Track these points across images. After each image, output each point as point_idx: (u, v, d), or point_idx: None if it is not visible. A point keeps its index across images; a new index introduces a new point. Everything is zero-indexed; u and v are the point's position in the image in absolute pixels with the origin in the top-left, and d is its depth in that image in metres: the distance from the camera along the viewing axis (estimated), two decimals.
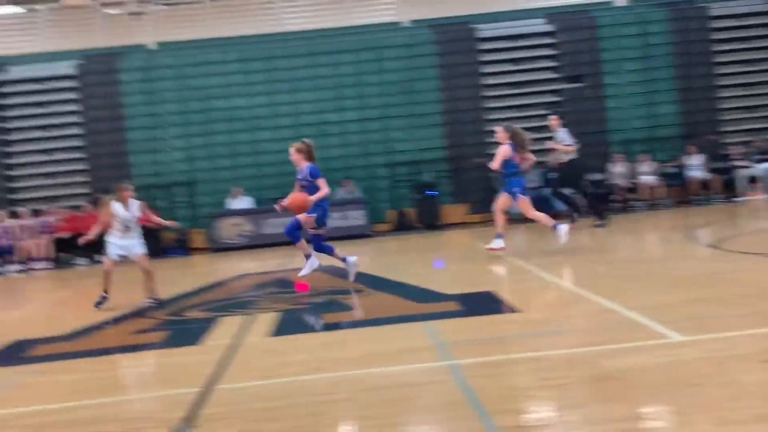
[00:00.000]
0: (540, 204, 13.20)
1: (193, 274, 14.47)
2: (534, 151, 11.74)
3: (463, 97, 19.21)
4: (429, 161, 18.81)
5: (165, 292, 11.20)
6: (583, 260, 10.98)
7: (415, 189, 18.36)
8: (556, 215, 13.31)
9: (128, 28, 22.21)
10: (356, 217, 17.55)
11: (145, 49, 19.35)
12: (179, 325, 8.73)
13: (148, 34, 19.90)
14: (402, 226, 18.16)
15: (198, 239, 18.15)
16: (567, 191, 14.90)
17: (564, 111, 19.19)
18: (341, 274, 11.44)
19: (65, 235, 17.33)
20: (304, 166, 10.08)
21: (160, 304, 9.92)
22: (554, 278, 9.26)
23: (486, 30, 19.44)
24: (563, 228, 11.30)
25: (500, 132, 11.47)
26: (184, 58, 18.96)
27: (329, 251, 10.02)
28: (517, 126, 11.62)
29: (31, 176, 18.69)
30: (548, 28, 19.54)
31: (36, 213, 17.70)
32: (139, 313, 9.60)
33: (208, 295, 10.99)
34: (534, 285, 9.18)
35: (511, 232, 16.48)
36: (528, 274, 10.02)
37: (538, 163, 18.28)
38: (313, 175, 9.77)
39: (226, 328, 8.02)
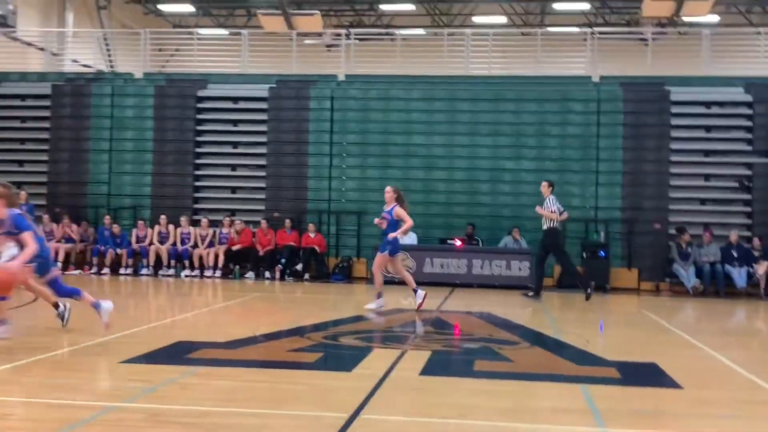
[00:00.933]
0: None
1: (352, 302, 14.67)
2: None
3: (647, 159, 18.56)
4: (603, 220, 18.25)
5: (324, 315, 11.40)
6: (758, 343, 10.20)
7: (584, 247, 17.83)
8: None
9: (321, 58, 23.17)
10: (521, 268, 17.26)
11: (335, 79, 20.03)
12: (334, 349, 8.82)
13: (339, 65, 20.60)
14: (567, 283, 17.66)
15: (361, 268, 18.43)
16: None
17: (750, 185, 18.18)
18: (499, 322, 11.23)
19: (238, 248, 18.11)
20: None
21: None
22: (724, 357, 8.65)
23: (680, 93, 18.74)
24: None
25: None
26: (369, 91, 19.47)
27: (76, 294, 9.32)
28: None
29: (215, 188, 19.70)
30: (746, 97, 18.57)
31: (214, 224, 18.63)
32: (296, 332, 9.81)
33: (364, 325, 11.07)
34: (701, 362, 8.61)
35: (681, 306, 15.67)
36: (695, 349, 9.42)
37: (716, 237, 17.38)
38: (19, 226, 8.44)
39: (379, 359, 8.03)
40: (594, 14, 28.50)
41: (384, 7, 32.67)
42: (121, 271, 18.02)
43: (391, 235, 12.29)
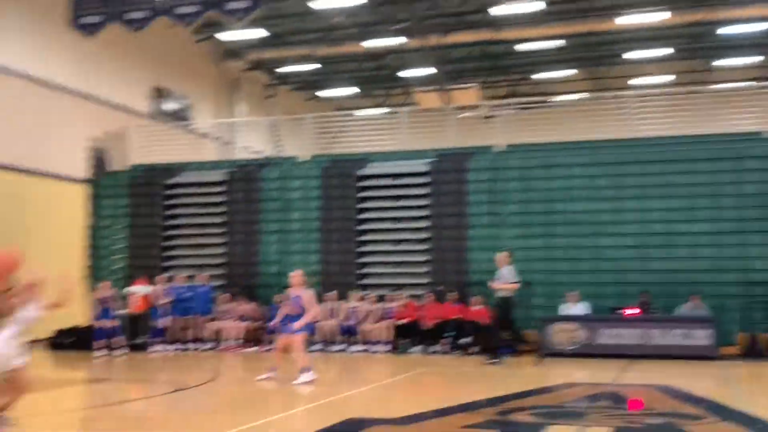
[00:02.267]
0: None
1: (521, 376, 14.25)
2: None
3: None
4: None
5: (495, 390, 11.11)
6: None
7: None
8: None
9: (479, 130, 23.26)
10: (701, 337, 16.21)
11: (493, 150, 19.99)
12: (508, 426, 8.52)
13: (497, 135, 20.58)
14: (753, 352, 16.43)
15: (528, 341, 17.95)
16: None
17: None
18: (681, 395, 10.55)
19: (405, 321, 18.13)
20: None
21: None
22: None
23: None
24: None
25: None
26: (529, 160, 19.25)
27: None
28: None
29: (378, 264, 19.93)
30: None
31: (380, 298, 18.78)
32: (468, 407, 9.58)
33: (536, 400, 10.67)
34: None
35: None
36: None
37: None
38: None
39: None
40: (763, 67, 27.18)
41: (538, 76, 32.62)
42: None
43: (298, 324, 12.23)
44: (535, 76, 32.66)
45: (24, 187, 21.51)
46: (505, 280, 15.31)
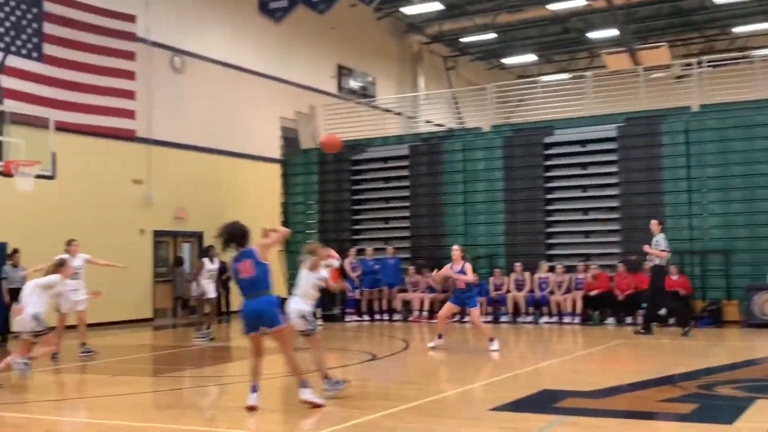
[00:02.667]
0: None
1: (724, 348, 13.53)
2: None
3: None
4: None
5: (694, 363, 10.65)
6: None
7: None
8: None
9: (671, 91, 22.13)
10: None
11: (687, 111, 18.96)
12: (710, 399, 8.13)
13: (691, 96, 19.49)
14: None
15: (731, 311, 17.00)
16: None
17: None
18: None
19: (595, 293, 17.69)
20: None
21: None
22: None
23: None
24: None
25: None
26: (727, 120, 18.11)
27: None
28: None
29: (567, 233, 19.53)
30: None
31: (569, 269, 18.41)
32: (666, 381, 9.23)
33: (742, 373, 10.11)
34: None
35: None
36: None
37: None
38: None
39: (764, 411, 7.23)
40: None
41: (738, 29, 30.51)
42: (482, 319, 18.47)
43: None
44: (735, 30, 30.57)
45: (224, 168, 22.84)
46: (661, 247, 14.89)
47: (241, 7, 23.32)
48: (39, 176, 14.95)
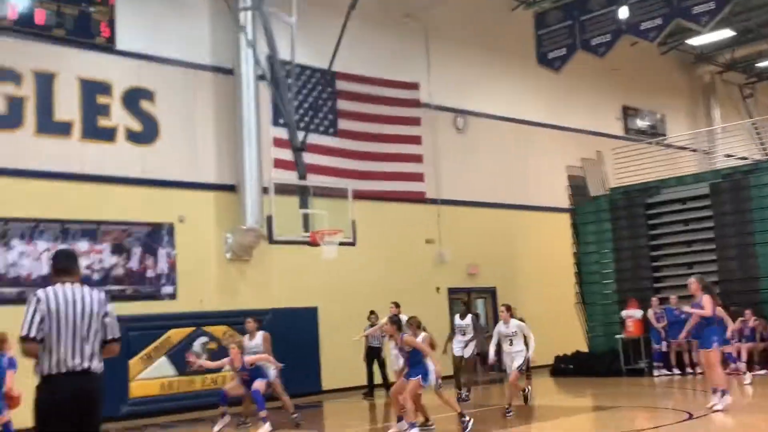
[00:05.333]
0: None
1: None
2: None
3: None
4: None
5: None
6: None
7: None
8: None
9: None
10: None
11: None
12: None
13: None
14: None
15: None
16: None
17: None
18: None
19: None
20: None
21: None
22: None
23: None
24: None
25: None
26: None
27: None
28: None
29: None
30: None
31: None
32: None
33: None
34: None
35: None
36: None
37: None
38: None
39: None
40: None
41: None
42: None
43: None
44: None
45: (513, 222, 22.81)
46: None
47: (519, 61, 23.38)
48: (341, 243, 15.83)
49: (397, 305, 15.02)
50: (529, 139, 23.84)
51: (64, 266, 5.24)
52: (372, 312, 16.52)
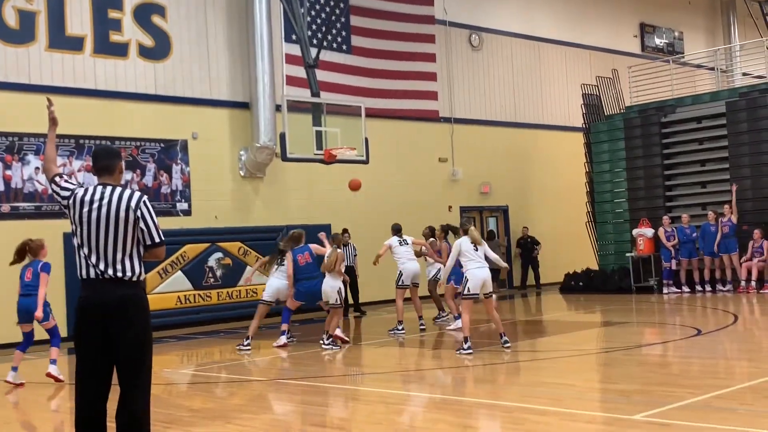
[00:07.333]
0: None
1: None
2: None
3: None
4: None
5: None
6: None
7: None
8: None
9: None
10: None
11: None
12: None
13: None
14: None
15: None
16: None
17: None
18: None
19: None
20: None
21: None
22: None
23: None
24: None
25: None
26: None
27: None
28: None
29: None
30: None
31: None
32: None
33: None
34: None
35: None
36: None
37: None
38: None
39: None
40: None
41: None
42: None
43: None
44: None
45: (526, 141, 22.72)
46: None
47: None
48: (354, 161, 15.85)
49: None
50: (544, 56, 23.54)
51: (102, 165, 4.92)
52: (345, 230, 16.28)
